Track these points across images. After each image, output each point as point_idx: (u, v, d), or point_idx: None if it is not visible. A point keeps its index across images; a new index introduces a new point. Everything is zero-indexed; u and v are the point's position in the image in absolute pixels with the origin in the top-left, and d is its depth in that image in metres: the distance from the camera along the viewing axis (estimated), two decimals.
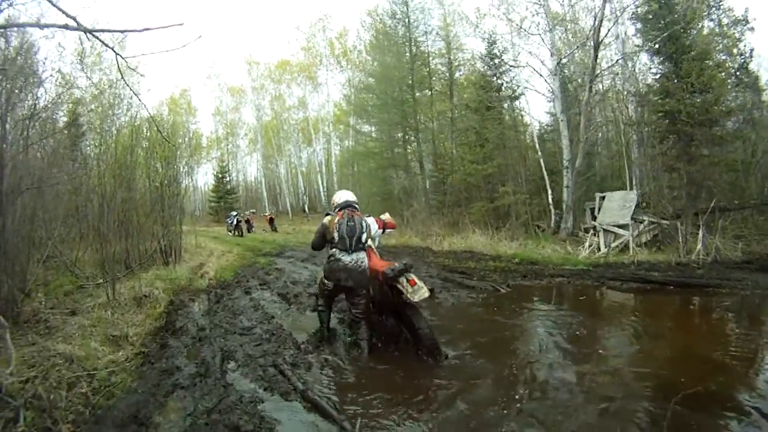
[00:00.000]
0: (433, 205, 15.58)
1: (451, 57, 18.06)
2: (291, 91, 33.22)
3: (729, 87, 10.61)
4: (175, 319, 5.21)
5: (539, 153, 12.08)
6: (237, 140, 37.95)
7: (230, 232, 20.24)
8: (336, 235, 4.04)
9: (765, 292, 6.16)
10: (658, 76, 10.41)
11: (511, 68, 13.20)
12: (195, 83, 52.17)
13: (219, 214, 30.36)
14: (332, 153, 31.49)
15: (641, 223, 10.59)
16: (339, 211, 4.21)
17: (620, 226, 10.62)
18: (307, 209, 31.57)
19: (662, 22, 9.53)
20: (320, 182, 31.33)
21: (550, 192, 11.90)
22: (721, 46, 11.39)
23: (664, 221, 10.35)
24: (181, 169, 10.33)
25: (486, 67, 13.76)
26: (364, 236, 4.10)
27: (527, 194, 12.13)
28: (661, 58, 9.93)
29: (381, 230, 4.81)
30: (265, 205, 33.46)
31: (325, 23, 30.37)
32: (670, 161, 10.11)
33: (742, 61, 11.66)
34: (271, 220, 23.10)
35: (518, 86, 13.88)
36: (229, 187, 33.96)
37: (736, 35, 11.96)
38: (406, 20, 17.54)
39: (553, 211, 11.91)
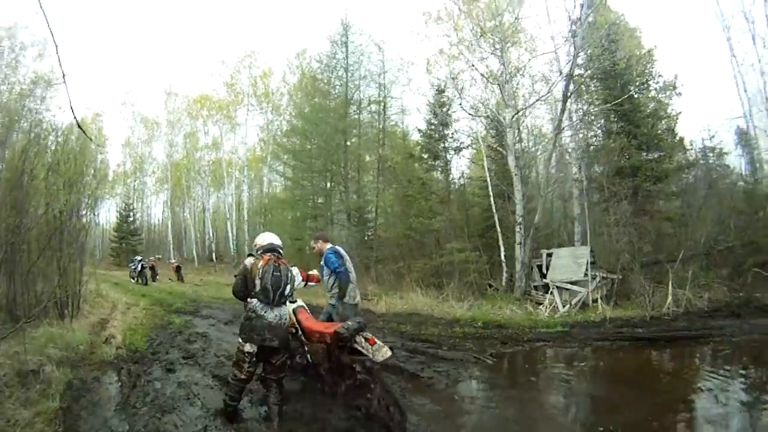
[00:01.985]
0: (361, 262, 14.33)
1: (386, 105, 17.89)
2: (207, 129, 32.06)
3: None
4: (77, 420, 3.79)
5: (494, 208, 11.60)
6: (144, 177, 35.71)
7: (133, 279, 19.23)
8: (258, 283, 3.67)
9: (752, 336, 6.72)
10: (610, 135, 10.74)
11: (459, 119, 12.98)
12: (108, 109, 48.46)
13: (120, 257, 29.07)
14: (244, 199, 30.29)
15: (594, 279, 10.43)
16: (263, 254, 3.83)
17: (573, 283, 10.50)
18: (214, 258, 30.08)
19: (619, 81, 9.95)
20: (230, 229, 29.78)
21: (502, 249, 11.34)
22: (649, 109, 12.15)
23: (612, 275, 10.44)
24: (86, 199, 8.91)
25: (432, 115, 13.38)
26: (288, 288, 3.80)
27: (476, 251, 11.43)
28: (615, 118, 10.28)
29: (304, 283, 4.59)
30: (170, 251, 31.58)
31: (252, 60, 29.77)
32: (621, 217, 10.15)
33: (667, 124, 12.58)
34: (177, 269, 21.76)
35: (467, 137, 13.59)
36: (132, 227, 32.41)
37: (665, 100, 12.91)
38: (345, 62, 17.50)
39: (504, 268, 11.29)
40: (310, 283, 4.78)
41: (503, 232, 11.70)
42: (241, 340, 3.72)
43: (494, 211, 11.67)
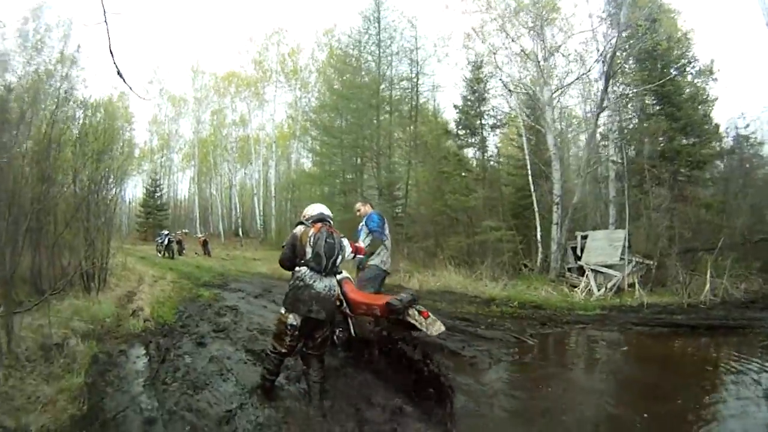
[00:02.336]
0: (393, 238, 14.49)
1: (418, 81, 17.84)
2: (234, 106, 32.65)
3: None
4: (103, 397, 3.58)
5: (532, 188, 11.56)
6: (171, 154, 36.59)
7: (159, 252, 19.53)
8: (309, 250, 3.51)
9: None
10: (649, 117, 10.52)
11: (496, 96, 12.85)
12: (135, 87, 48.88)
13: (147, 232, 29.44)
14: (271, 175, 30.87)
15: (629, 263, 10.43)
16: (314, 223, 3.67)
17: (608, 266, 10.52)
18: (241, 233, 30.61)
19: (659, 63, 9.68)
20: (257, 206, 30.53)
21: (539, 229, 11.39)
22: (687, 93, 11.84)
23: (648, 260, 10.45)
24: (114, 173, 8.99)
25: (469, 91, 13.26)
26: (340, 258, 3.66)
27: (511, 230, 11.49)
28: (654, 100, 10.04)
29: (353, 255, 4.20)
30: (197, 226, 32.06)
31: (281, 37, 30.02)
32: (662, 201, 10.04)
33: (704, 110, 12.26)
34: (204, 243, 22.00)
35: (504, 114, 13.45)
36: (159, 202, 32.83)
37: (701, 85, 12.55)
38: (377, 38, 17.46)
39: (540, 249, 11.36)
40: (358, 256, 4.57)
41: (540, 213, 11.68)
42: (284, 311, 3.53)
43: (532, 190, 11.65)
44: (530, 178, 11.62)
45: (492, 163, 12.68)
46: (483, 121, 13.31)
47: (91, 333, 5.07)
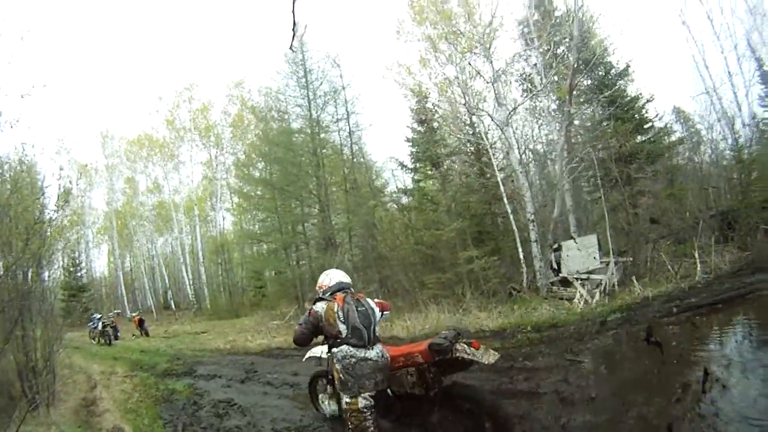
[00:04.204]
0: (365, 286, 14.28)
1: (350, 123, 18.27)
2: (149, 171, 31.70)
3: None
4: None
5: (508, 208, 12.01)
6: (85, 229, 33.68)
7: (94, 339, 18.50)
8: (343, 327, 3.34)
9: None
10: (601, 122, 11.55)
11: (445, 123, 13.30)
12: (40, 159, 44.40)
13: (72, 317, 26.50)
14: (197, 241, 29.65)
15: (615, 264, 11.09)
16: (335, 294, 3.52)
17: (590, 272, 11.11)
18: (173, 306, 29.53)
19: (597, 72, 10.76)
20: (185, 275, 29.40)
21: (520, 249, 11.79)
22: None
23: (622, 258, 11.40)
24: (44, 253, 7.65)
25: (418, 122, 13.62)
26: (375, 324, 3.52)
27: (492, 256, 11.80)
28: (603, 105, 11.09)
29: (380, 314, 3.95)
30: (125, 304, 30.31)
31: (191, 93, 29.68)
32: (627, 200, 10.95)
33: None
34: (140, 322, 20.85)
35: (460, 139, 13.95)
36: (81, 283, 30.42)
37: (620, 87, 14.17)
38: (305, 80, 17.83)
39: (525, 269, 11.72)
40: (385, 313, 4.26)
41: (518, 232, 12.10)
42: (348, 399, 3.30)
43: (509, 211, 12.04)
44: (505, 199, 12.02)
45: (457, 191, 12.85)
46: (438, 151, 13.62)
47: None
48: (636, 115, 12.78)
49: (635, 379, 4.99)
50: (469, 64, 12.46)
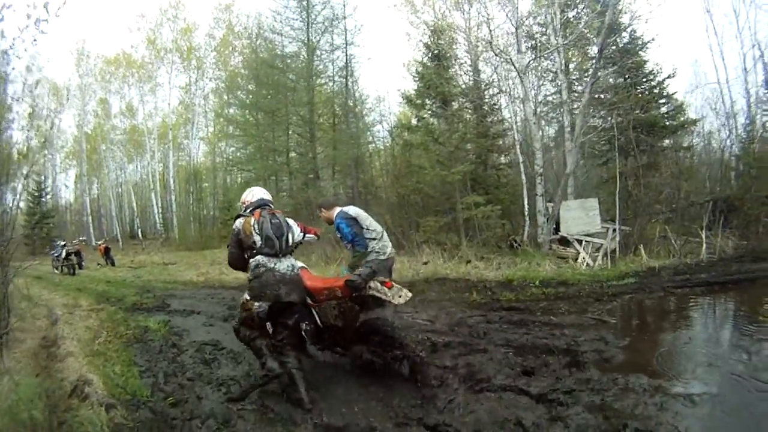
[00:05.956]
0: None
1: (348, 54, 17.33)
2: (123, 92, 29.90)
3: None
4: None
5: (520, 157, 11.51)
6: (53, 152, 31.34)
7: (57, 268, 17.47)
8: (258, 237, 3.58)
9: None
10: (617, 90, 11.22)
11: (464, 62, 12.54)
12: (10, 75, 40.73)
13: (36, 245, 26.77)
14: (170, 167, 28.16)
15: (613, 231, 10.99)
16: (254, 211, 3.75)
17: (590, 235, 10.89)
18: (140, 236, 28.43)
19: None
20: (155, 203, 28.18)
21: (526, 201, 11.44)
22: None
23: (624, 227, 11.06)
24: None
25: (430, 56, 12.71)
26: (291, 237, 3.80)
27: (494, 204, 11.43)
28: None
29: (302, 234, 4.33)
30: (91, 232, 28.86)
31: (177, 12, 27.62)
32: (638, 169, 10.78)
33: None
34: (106, 251, 20.29)
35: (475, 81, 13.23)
36: (46, 209, 28.71)
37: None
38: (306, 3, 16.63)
39: (528, 222, 11.45)
40: (308, 236, 4.52)
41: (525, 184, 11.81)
42: (248, 297, 3.60)
43: (520, 161, 11.62)
44: (518, 147, 11.54)
45: (467, 134, 12.21)
46: (449, 89, 12.81)
47: None
48: (656, 89, 12.41)
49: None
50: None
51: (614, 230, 11.29)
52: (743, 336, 4.89)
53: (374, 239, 4.56)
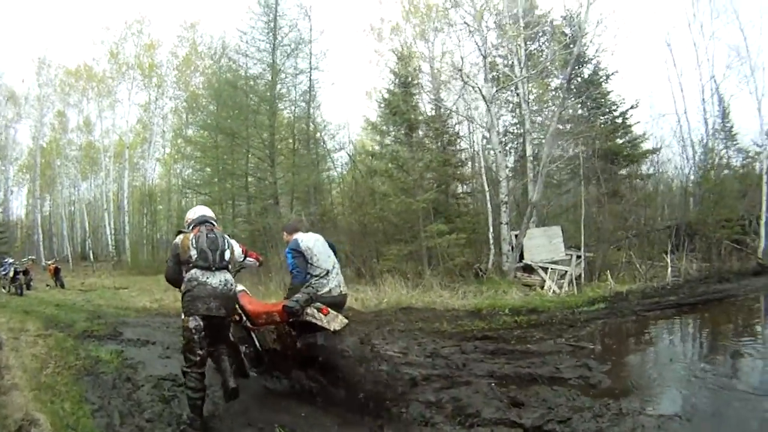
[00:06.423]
0: None
1: (311, 78, 17.15)
2: (82, 106, 28.51)
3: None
4: None
5: (486, 185, 11.52)
6: (6, 165, 29.88)
7: (4, 288, 16.49)
8: (194, 251, 3.58)
9: (757, 294, 8.39)
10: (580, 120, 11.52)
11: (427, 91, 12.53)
12: None
13: None
14: (124, 187, 27.24)
15: (578, 258, 11.01)
16: (195, 226, 3.79)
17: (555, 262, 10.99)
18: (92, 257, 26.92)
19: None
20: (107, 223, 26.74)
21: (491, 229, 11.34)
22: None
23: (588, 254, 11.19)
24: None
25: (396, 83, 12.61)
26: (227, 253, 3.75)
27: (459, 232, 11.25)
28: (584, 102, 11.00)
29: (243, 257, 4.33)
30: (40, 251, 27.20)
31: (141, 27, 27.04)
32: (600, 197, 10.93)
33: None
34: (56, 272, 19.10)
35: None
36: None
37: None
38: (273, 25, 16.42)
39: (492, 250, 11.43)
40: (249, 259, 4.48)
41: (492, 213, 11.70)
42: (184, 316, 3.51)
43: (486, 188, 11.49)
44: (483, 176, 11.46)
45: (432, 162, 12.06)
46: (414, 116, 12.70)
47: None
48: (618, 119, 12.87)
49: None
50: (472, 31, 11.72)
51: (578, 257, 11.36)
52: (719, 352, 5.19)
53: (316, 276, 4.22)
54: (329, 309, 3.68)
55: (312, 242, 4.41)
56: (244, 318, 4.25)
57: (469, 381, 4.32)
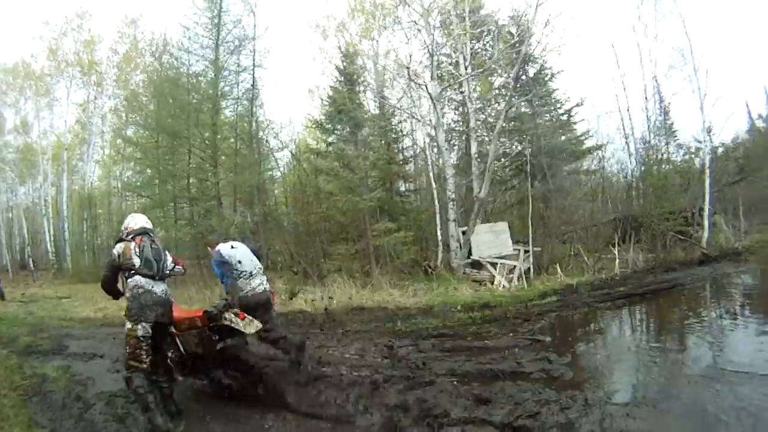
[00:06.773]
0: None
1: (255, 75, 16.45)
2: (19, 106, 26.51)
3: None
4: None
5: (433, 182, 11.38)
6: None
7: None
8: (137, 260, 3.67)
9: (704, 282, 8.67)
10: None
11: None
12: None
13: None
14: (63, 191, 25.38)
15: (526, 252, 11.02)
16: (135, 237, 3.82)
17: (503, 257, 11.08)
18: (32, 265, 25.16)
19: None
20: (47, 230, 25.05)
21: (439, 226, 11.24)
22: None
23: (536, 248, 11.47)
24: None
25: (342, 81, 12.25)
26: (168, 263, 3.93)
27: (407, 230, 11.03)
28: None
29: (173, 265, 4.35)
30: None
31: (82, 22, 25.06)
32: (541, 194, 11.01)
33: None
34: None
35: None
36: None
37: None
38: (218, 21, 15.74)
39: (441, 248, 11.35)
40: (177, 267, 4.43)
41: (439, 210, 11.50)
42: (130, 325, 3.54)
43: (434, 186, 11.27)
44: (431, 173, 11.24)
45: (380, 160, 11.77)
46: (359, 114, 12.36)
47: None
48: (563, 116, 13.06)
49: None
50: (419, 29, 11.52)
51: (526, 251, 11.34)
52: (670, 339, 5.38)
53: (242, 278, 4.68)
54: (245, 314, 3.94)
55: (233, 250, 4.80)
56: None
57: (432, 381, 4.27)
